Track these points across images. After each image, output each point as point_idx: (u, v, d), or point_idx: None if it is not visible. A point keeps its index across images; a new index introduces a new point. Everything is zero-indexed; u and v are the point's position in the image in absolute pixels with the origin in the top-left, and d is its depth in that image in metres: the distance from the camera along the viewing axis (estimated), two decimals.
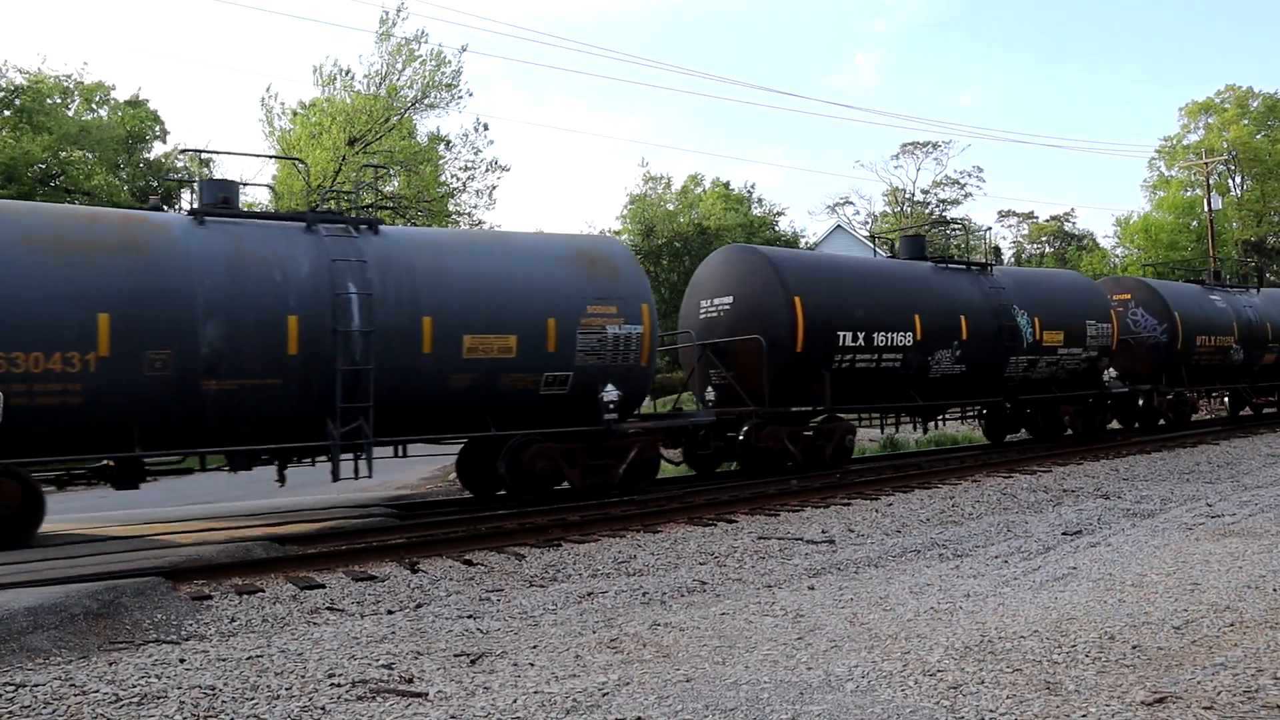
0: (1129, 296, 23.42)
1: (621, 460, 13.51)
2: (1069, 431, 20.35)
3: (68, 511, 14.39)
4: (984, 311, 18.27)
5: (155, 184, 33.60)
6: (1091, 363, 20.44)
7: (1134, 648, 5.54)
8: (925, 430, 20.38)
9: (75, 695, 5.30)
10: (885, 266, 18.32)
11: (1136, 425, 23.23)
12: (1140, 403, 22.33)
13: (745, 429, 15.43)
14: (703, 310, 16.91)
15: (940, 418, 19.82)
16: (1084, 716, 4.44)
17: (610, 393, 13.16)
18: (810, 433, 16.01)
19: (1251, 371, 25.84)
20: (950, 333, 17.65)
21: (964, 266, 19.21)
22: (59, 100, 31.78)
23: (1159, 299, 23.09)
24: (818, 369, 15.76)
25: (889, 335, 16.71)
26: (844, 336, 16.12)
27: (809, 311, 15.62)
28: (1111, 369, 20.76)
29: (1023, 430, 21.19)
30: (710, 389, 16.26)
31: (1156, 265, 40.51)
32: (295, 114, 36.13)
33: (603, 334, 13.27)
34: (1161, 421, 22.98)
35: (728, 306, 16.35)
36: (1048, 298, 19.79)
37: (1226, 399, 28.73)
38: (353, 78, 33.97)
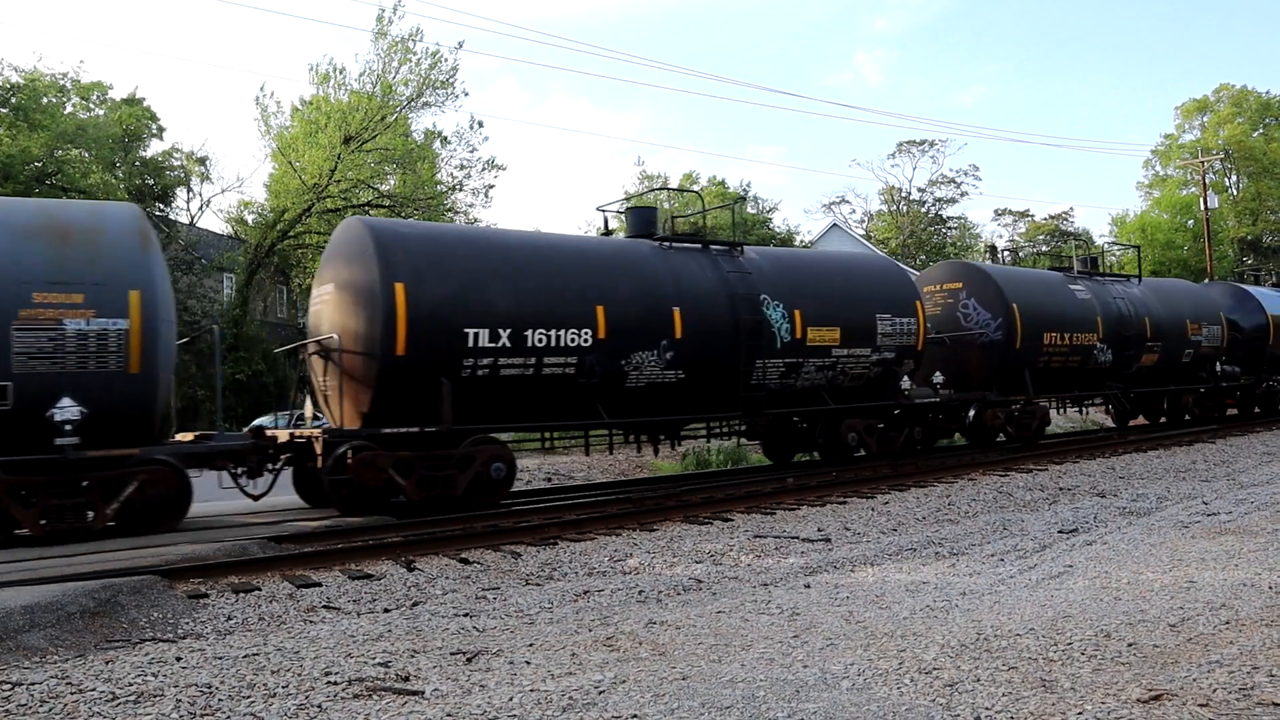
0: (960, 285, 19.48)
1: (110, 499, 10.71)
2: (860, 452, 16.63)
3: None
4: (715, 302, 14.46)
5: (151, 182, 33.56)
6: (888, 367, 16.50)
7: (1130, 645, 5.55)
8: (641, 450, 16.61)
9: (72, 694, 5.30)
10: (552, 244, 14.32)
11: (965, 442, 20.48)
12: (972, 414, 18.94)
13: (337, 456, 11.71)
14: (312, 304, 13.89)
15: (664, 438, 15.40)
16: (1080, 714, 4.45)
17: (67, 410, 10.33)
18: (432, 460, 12.16)
19: (1125, 375, 21.77)
20: (656, 330, 13.78)
21: (699, 246, 15.38)
22: (55, 99, 31.72)
23: (993, 288, 19.04)
24: (435, 377, 12.17)
25: (554, 333, 12.86)
26: (477, 335, 12.35)
27: (417, 301, 12.04)
28: (908, 378, 16.69)
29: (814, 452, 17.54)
30: (320, 404, 13.61)
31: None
32: (296, 110, 36.12)
33: (58, 330, 10.47)
34: (1001, 438, 19.59)
35: (329, 296, 12.99)
36: (817, 285, 15.95)
37: (1098, 407, 25.37)
38: (348, 76, 33.94)
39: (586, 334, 13.15)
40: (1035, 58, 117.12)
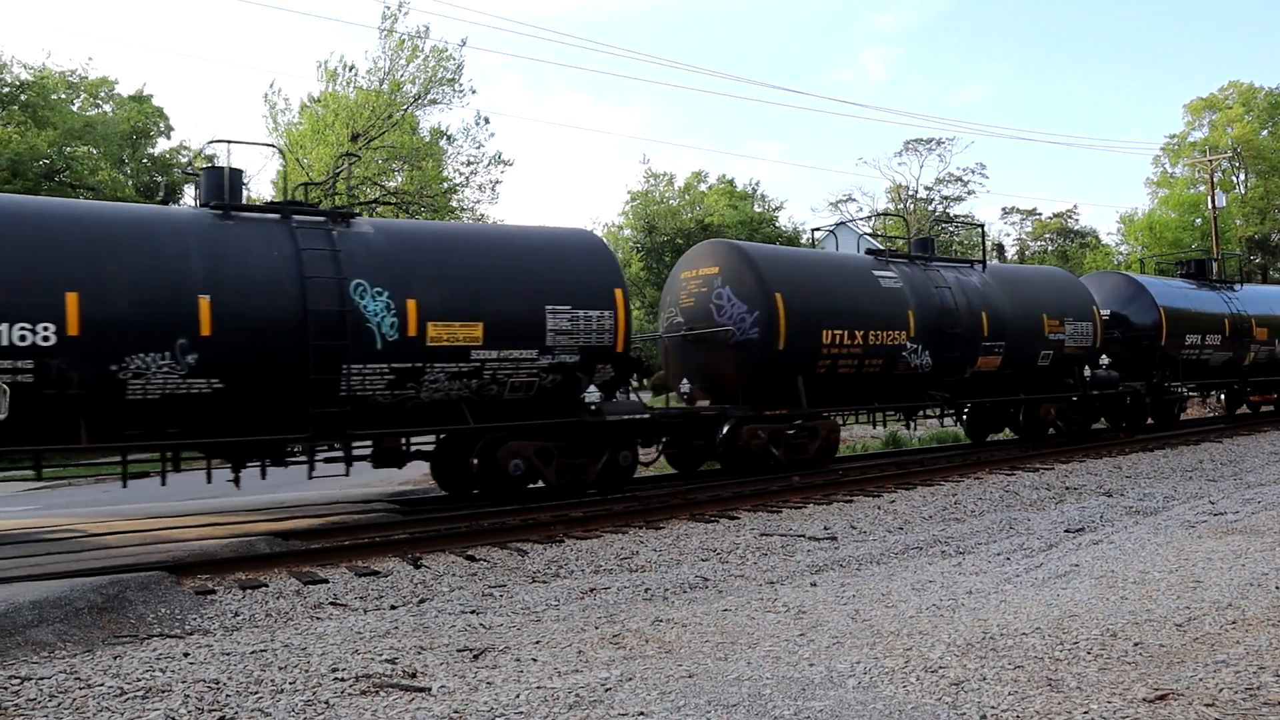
0: (716, 270, 15.58)
1: None
2: (538, 484, 12.92)
3: (71, 506, 14.44)
4: (275, 289, 11.04)
5: (160, 179, 33.66)
6: (569, 374, 12.88)
7: (1136, 645, 5.54)
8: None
9: (80, 688, 5.32)
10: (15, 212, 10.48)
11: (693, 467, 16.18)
12: (725, 431, 14.72)
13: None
14: None
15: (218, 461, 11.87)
16: (1086, 713, 4.45)
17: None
18: None
19: (953, 383, 17.64)
20: (168, 325, 10.39)
21: (276, 216, 11.80)
22: (63, 96, 31.84)
23: (752, 273, 15.11)
24: None
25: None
26: None
27: None
28: (598, 388, 13.05)
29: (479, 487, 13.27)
30: None
31: (1158, 259, 40.47)
32: (305, 106, 36.18)
33: None
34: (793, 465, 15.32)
35: None
36: (449, 268, 12.18)
37: (907, 424, 20.01)
38: (356, 73, 33.98)
39: (50, 331, 9.82)
40: (1039, 54, 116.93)
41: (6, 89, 29.45)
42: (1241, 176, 60.36)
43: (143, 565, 8.62)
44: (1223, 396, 28.60)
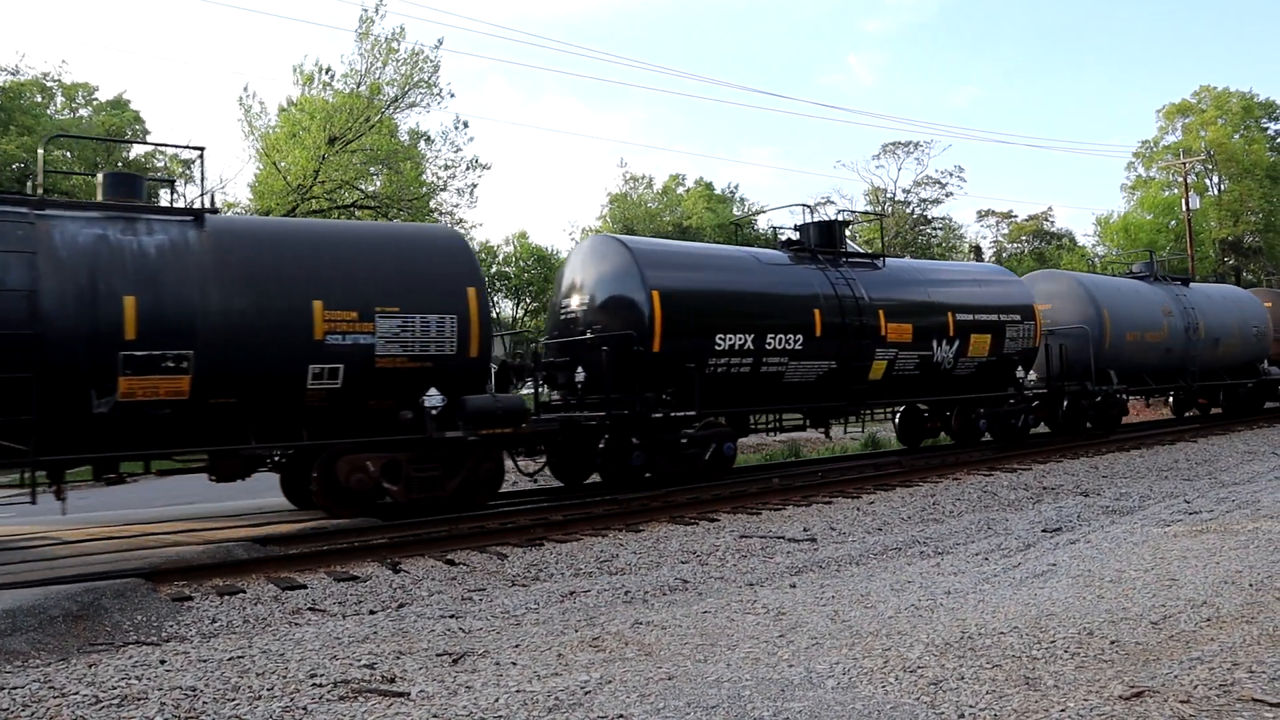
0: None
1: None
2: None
3: (47, 513, 14.28)
4: None
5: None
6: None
7: (1112, 643, 5.59)
8: None
9: (54, 697, 5.27)
10: None
11: None
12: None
13: None
14: None
15: None
16: (1062, 711, 4.48)
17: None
18: None
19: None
20: None
21: None
22: (39, 99, 31.57)
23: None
24: None
25: None
26: None
27: None
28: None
29: None
30: None
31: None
32: (282, 109, 35.98)
33: None
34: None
35: None
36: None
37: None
38: (333, 76, 33.82)
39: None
40: (1026, 59, 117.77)
41: None
42: (1215, 179, 60.99)
43: (119, 572, 8.55)
44: (1171, 399, 27.83)
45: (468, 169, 38.14)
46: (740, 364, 14.98)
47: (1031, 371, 20.29)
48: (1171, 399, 27.84)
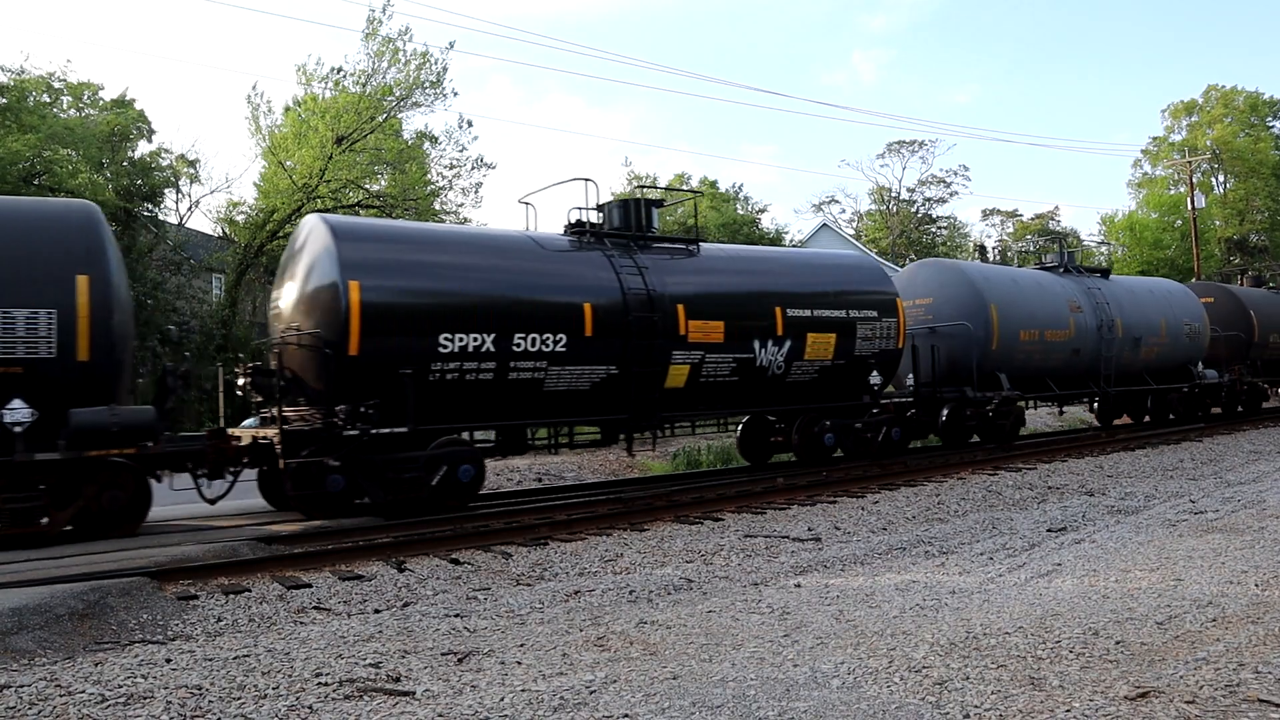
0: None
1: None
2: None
3: None
4: None
5: (140, 182, 33.44)
6: None
7: (1117, 643, 5.58)
8: None
9: (61, 696, 5.28)
10: None
11: None
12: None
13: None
14: None
15: None
16: (1068, 712, 4.48)
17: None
18: None
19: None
20: None
21: None
22: (46, 98, 31.60)
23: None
24: None
25: None
26: None
27: None
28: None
29: None
30: None
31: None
32: (288, 109, 36.04)
33: None
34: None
35: None
36: None
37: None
38: (343, 74, 33.88)
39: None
40: (1030, 56, 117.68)
41: None
42: (1220, 179, 60.90)
43: (124, 571, 8.56)
44: (1096, 406, 24.25)
45: (473, 168, 38.21)
46: (478, 370, 12.33)
47: (909, 377, 17.71)
48: (1097, 406, 24.25)
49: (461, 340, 12.21)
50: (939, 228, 70.40)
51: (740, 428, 17.74)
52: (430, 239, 13.49)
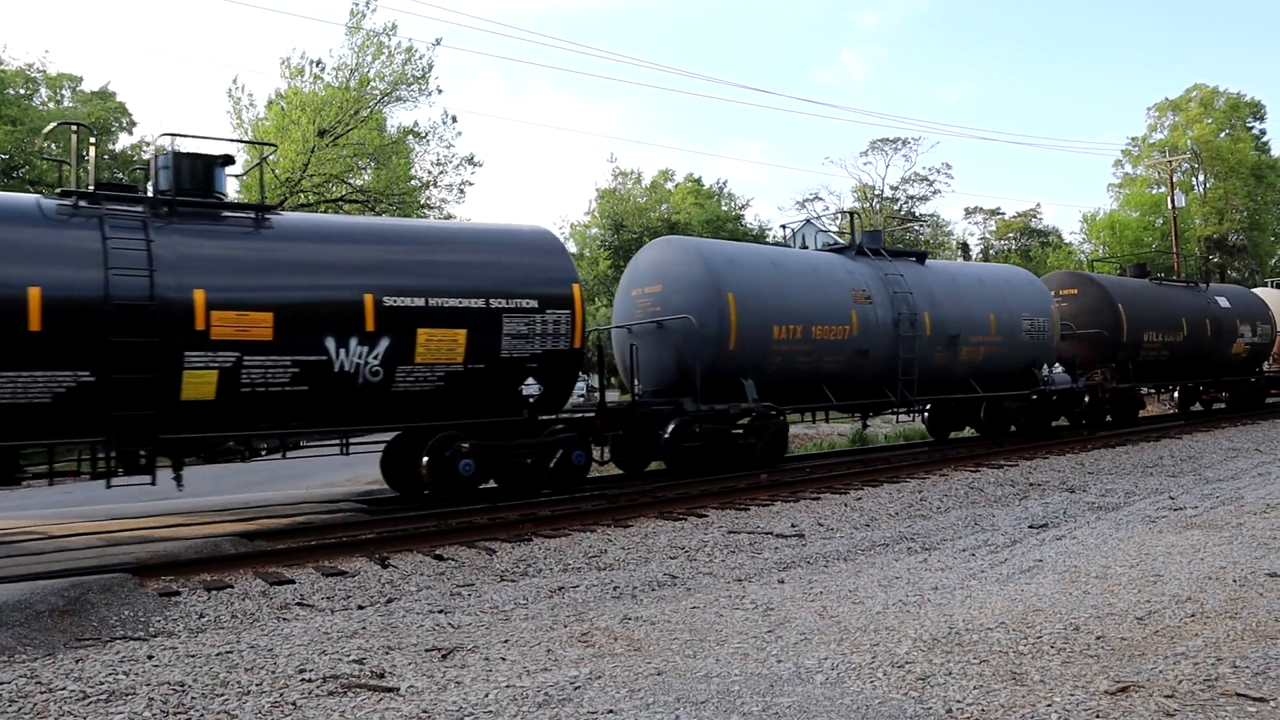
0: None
1: None
2: None
3: (32, 508, 14.22)
4: None
5: (120, 175, 33.21)
6: None
7: (1098, 638, 5.63)
8: None
9: (42, 693, 5.25)
10: None
11: None
12: None
13: None
14: None
15: None
16: (1049, 706, 4.52)
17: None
18: None
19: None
20: None
21: None
22: (23, 91, 31.36)
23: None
24: None
25: None
26: None
27: None
28: None
29: None
30: None
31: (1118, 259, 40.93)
32: (271, 102, 35.85)
33: None
34: None
35: None
36: None
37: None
38: (323, 68, 33.71)
39: None
40: (1022, 54, 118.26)
41: None
42: (1200, 178, 61.33)
43: (105, 567, 8.52)
44: (926, 418, 20.63)
45: (459, 166, 38.09)
46: None
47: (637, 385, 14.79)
48: (927, 418, 20.55)
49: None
50: (921, 225, 70.66)
51: (386, 448, 13.56)
52: None
